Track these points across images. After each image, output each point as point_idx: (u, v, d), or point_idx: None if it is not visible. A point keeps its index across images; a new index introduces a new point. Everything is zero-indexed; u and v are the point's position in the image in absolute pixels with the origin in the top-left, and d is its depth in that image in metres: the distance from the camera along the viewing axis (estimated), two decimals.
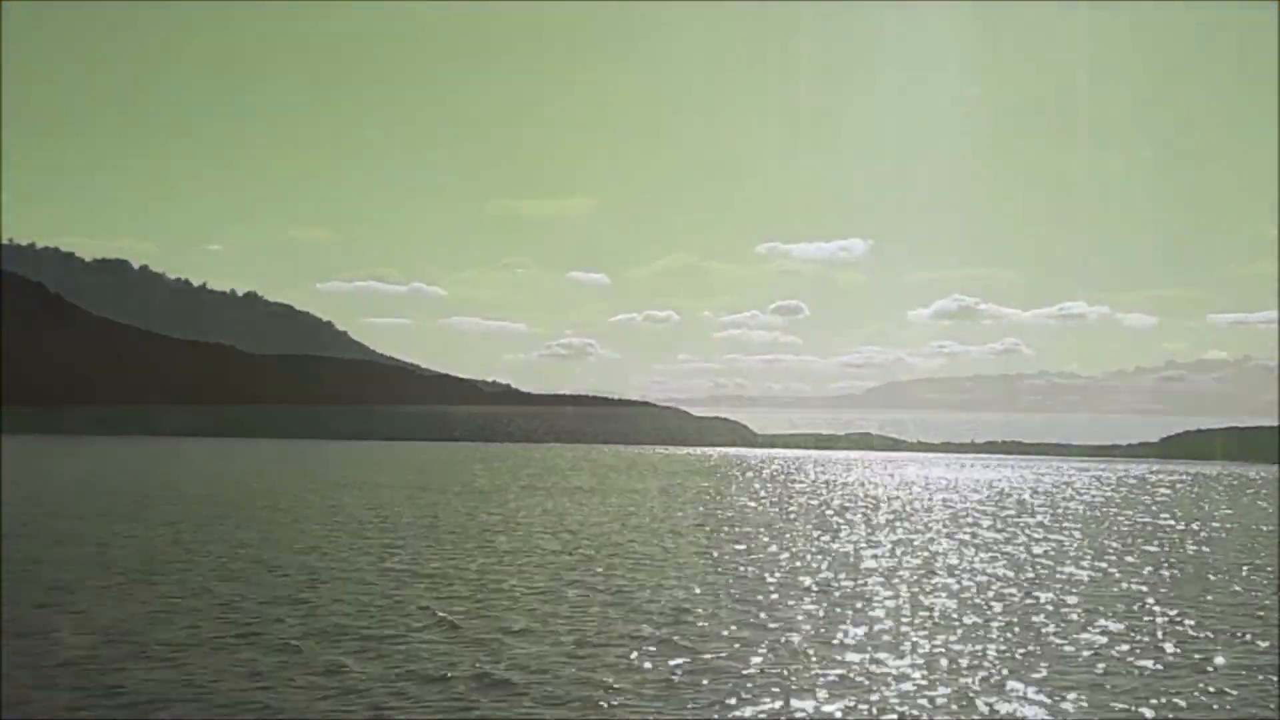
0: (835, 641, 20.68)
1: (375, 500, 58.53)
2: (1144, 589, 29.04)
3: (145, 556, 30.62)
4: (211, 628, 20.82)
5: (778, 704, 16.51)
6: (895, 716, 15.94)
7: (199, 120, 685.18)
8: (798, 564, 32.12)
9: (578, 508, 56.51)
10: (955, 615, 24.04)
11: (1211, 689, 17.74)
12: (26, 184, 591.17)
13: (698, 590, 26.29)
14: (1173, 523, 55.58)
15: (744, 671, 17.96)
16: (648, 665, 18.05)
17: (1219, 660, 19.91)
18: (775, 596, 25.64)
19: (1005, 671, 18.60)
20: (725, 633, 20.90)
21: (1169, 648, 20.91)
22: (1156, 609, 25.52)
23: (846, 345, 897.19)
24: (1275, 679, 18.28)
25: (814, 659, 18.99)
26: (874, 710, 16.29)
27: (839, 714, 16.17)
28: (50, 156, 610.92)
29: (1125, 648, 20.74)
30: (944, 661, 19.40)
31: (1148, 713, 16.27)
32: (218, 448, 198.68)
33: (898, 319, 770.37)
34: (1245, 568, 34.58)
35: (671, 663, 18.30)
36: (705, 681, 17.33)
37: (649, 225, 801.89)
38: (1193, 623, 23.80)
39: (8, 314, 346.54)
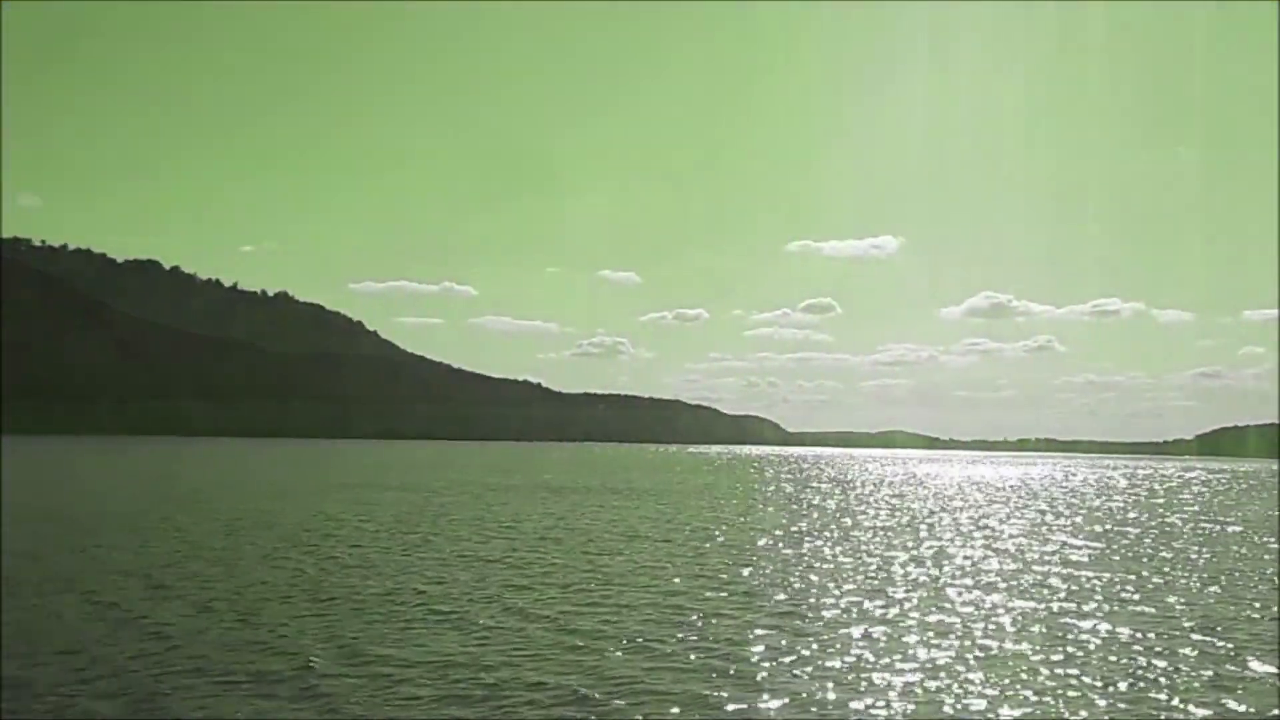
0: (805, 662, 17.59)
1: (343, 503, 56.00)
2: (1178, 597, 26.39)
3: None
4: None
5: None
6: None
7: (232, 123, 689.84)
8: (772, 575, 29.18)
9: (561, 510, 53.16)
10: (961, 626, 21.61)
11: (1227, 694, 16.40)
12: (59, 187, 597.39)
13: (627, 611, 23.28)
14: (1212, 525, 52.66)
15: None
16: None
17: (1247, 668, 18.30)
18: (719, 617, 22.56)
19: (1011, 677, 17.17)
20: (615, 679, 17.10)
21: (1190, 654, 19.28)
22: (1189, 618, 23.05)
23: (878, 343, 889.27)
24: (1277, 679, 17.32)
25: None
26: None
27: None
28: (84, 160, 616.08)
29: (1149, 657, 19.01)
30: (945, 668, 17.78)
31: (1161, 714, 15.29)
32: (226, 448, 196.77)
33: (930, 317, 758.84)
34: None
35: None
36: None
37: (679, 223, 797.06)
38: (1234, 633, 21.41)
39: (37, 315, 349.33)
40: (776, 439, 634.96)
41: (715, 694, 15.79)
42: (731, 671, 17.30)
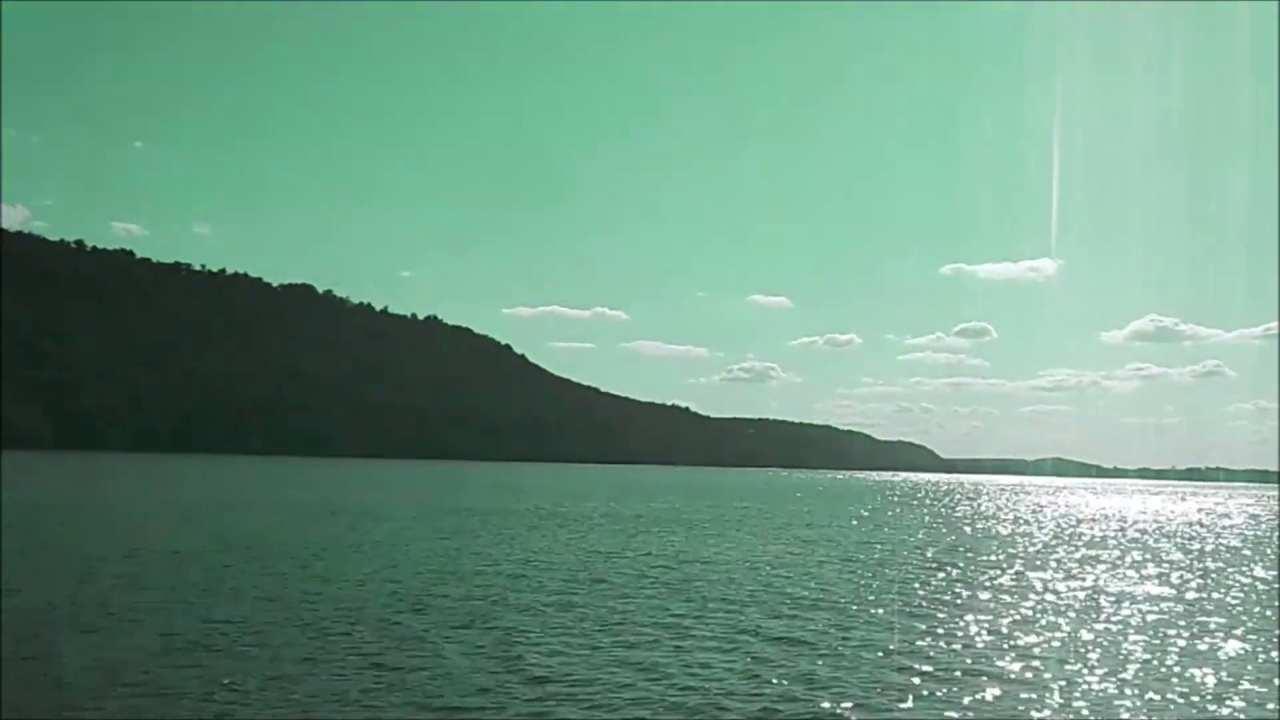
0: None
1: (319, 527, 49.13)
2: None
3: None
4: None
5: None
6: None
7: (390, 147, 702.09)
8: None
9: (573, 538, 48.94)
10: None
11: None
12: (231, 215, 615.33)
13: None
14: None
15: None
16: None
17: None
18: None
19: None
20: None
21: None
22: None
23: (1036, 368, 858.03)
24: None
25: None
26: None
27: None
28: (253, 189, 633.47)
29: None
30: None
31: None
32: (372, 468, 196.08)
33: (1091, 340, 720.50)
34: None
35: None
36: None
37: (831, 248, 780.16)
38: None
39: (191, 337, 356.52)
40: (932, 465, 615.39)
41: None
42: None
